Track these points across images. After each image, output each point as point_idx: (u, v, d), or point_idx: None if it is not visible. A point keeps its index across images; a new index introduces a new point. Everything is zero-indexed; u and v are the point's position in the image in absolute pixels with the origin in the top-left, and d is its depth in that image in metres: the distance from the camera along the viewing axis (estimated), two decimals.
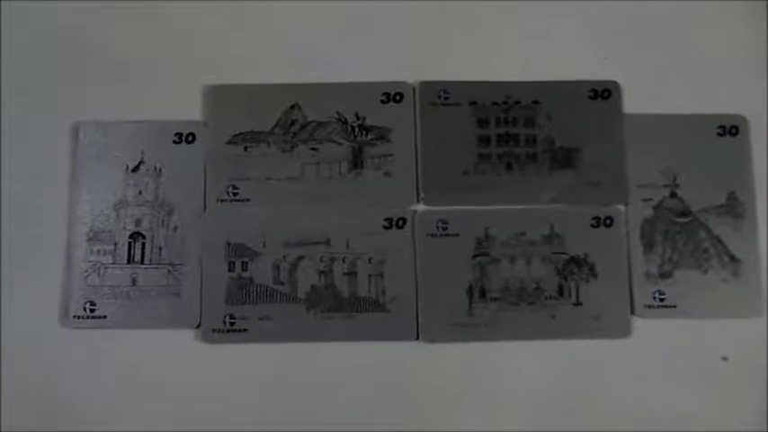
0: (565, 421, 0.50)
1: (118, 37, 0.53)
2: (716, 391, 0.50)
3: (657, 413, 0.50)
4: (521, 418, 0.50)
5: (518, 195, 0.52)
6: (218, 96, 0.52)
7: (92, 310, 0.50)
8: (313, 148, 0.52)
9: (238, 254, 0.51)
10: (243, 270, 0.50)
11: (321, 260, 0.51)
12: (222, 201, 0.51)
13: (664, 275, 0.51)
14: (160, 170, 0.51)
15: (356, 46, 0.53)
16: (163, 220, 0.51)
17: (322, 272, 0.51)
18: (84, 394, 0.49)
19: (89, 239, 0.50)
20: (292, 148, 0.52)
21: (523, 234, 0.51)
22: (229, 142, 0.52)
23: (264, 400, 0.49)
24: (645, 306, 0.51)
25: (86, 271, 0.50)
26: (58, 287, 0.50)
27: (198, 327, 0.50)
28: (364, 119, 0.52)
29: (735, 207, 0.52)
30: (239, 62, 0.53)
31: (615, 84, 0.53)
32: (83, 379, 0.49)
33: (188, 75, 0.52)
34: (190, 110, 0.52)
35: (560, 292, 0.51)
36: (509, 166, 0.52)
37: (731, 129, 0.53)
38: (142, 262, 0.50)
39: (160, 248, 0.51)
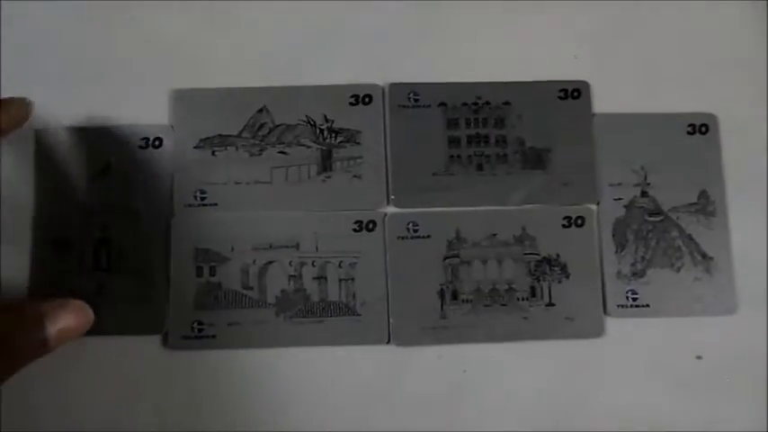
0: (539, 423, 0.49)
1: (83, 39, 0.52)
2: (690, 390, 0.50)
3: (632, 413, 0.49)
4: (495, 421, 0.49)
5: (489, 196, 0.52)
6: (184, 100, 0.52)
7: None
8: (282, 152, 0.51)
9: (206, 259, 0.50)
10: (211, 275, 0.50)
11: (291, 264, 0.50)
12: (190, 206, 0.51)
13: (636, 275, 0.51)
14: (127, 175, 0.51)
15: (324, 48, 0.53)
16: (130, 226, 0.50)
17: (292, 276, 0.50)
18: (48, 404, 0.48)
19: (54, 247, 0.50)
20: (261, 151, 0.51)
21: (495, 235, 0.51)
22: (197, 146, 0.51)
23: (233, 408, 0.49)
24: (618, 306, 0.51)
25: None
26: (22, 295, 0.49)
27: (164, 333, 0.49)
28: (333, 121, 0.52)
29: (706, 205, 0.52)
30: (206, 65, 0.52)
31: (585, 84, 0.53)
32: (46, 387, 0.48)
33: (154, 78, 0.52)
34: (157, 114, 0.51)
35: (533, 293, 0.51)
36: (480, 167, 0.52)
37: (701, 127, 0.53)
38: (108, 269, 0.50)
39: (126, 255, 0.50)
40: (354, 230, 0.50)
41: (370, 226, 0.51)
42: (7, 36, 0.52)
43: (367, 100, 0.52)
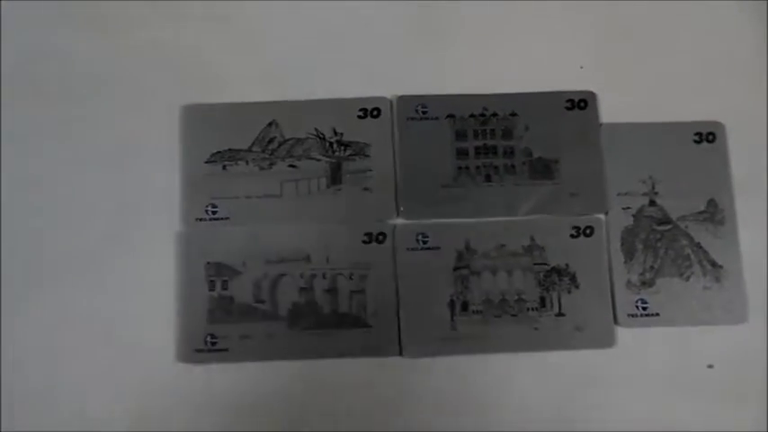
0: None
1: (93, 56, 0.53)
2: (702, 399, 0.50)
3: (643, 422, 0.49)
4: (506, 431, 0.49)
5: (497, 207, 0.52)
6: (195, 115, 0.52)
7: None
8: (291, 165, 0.52)
9: (218, 273, 0.50)
10: (223, 289, 0.50)
11: (302, 277, 0.50)
12: (201, 220, 0.51)
13: (646, 284, 0.51)
14: None
15: (332, 62, 0.53)
16: None
17: (303, 289, 0.50)
18: (67, 418, 0.49)
19: None
20: (271, 165, 0.52)
21: (504, 246, 0.51)
22: (208, 161, 0.52)
23: (246, 420, 0.49)
24: (628, 315, 0.51)
25: None
26: None
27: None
28: (342, 135, 0.52)
29: (714, 213, 0.52)
30: (217, 81, 0.53)
31: (591, 94, 0.53)
32: (66, 403, 0.49)
33: (165, 94, 0.52)
34: (167, 129, 0.52)
35: (542, 303, 0.51)
36: (488, 178, 0.52)
37: (708, 135, 0.53)
38: None
39: None
40: (364, 242, 0.51)
41: (380, 238, 0.51)
42: (10, 46, 0.53)
43: (375, 113, 0.53)
